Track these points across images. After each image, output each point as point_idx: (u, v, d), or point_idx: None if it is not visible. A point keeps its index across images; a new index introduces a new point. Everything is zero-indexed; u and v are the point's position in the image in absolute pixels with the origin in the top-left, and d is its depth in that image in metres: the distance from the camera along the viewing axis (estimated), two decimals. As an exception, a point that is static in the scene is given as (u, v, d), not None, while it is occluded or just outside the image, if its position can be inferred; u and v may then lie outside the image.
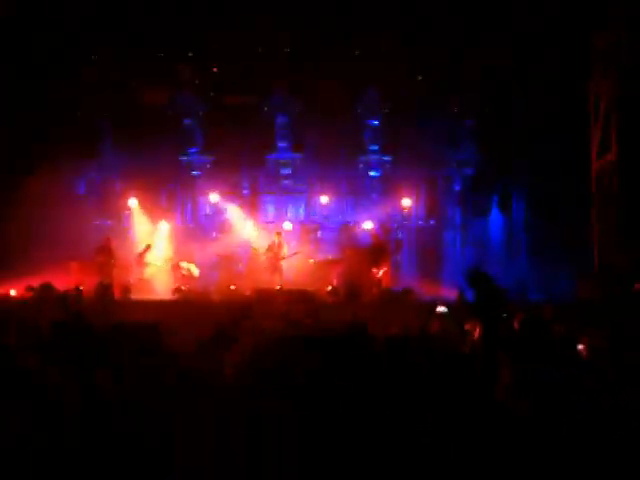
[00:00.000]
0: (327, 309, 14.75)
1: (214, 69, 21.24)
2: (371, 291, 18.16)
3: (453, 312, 10.95)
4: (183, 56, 20.93)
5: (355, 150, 21.53)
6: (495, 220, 21.10)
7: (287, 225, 21.30)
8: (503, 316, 9.06)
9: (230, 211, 21.71)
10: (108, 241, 20.06)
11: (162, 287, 19.78)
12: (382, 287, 18.47)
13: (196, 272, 20.22)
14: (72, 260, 20.00)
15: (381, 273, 19.00)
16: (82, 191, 21.55)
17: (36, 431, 4.99)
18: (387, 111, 21.18)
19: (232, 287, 18.75)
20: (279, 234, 20.11)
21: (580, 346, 7.48)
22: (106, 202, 21.89)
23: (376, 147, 21.39)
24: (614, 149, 17.73)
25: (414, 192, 21.28)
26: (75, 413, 5.20)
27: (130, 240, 21.43)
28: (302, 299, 15.41)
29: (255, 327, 8.92)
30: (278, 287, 18.57)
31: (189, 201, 22.62)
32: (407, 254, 20.87)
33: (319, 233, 21.37)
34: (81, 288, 18.04)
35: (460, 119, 20.79)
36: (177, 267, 20.17)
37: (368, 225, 20.66)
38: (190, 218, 22.53)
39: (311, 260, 20.30)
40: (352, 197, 21.97)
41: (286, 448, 4.85)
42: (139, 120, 21.25)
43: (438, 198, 21.35)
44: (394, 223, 21.20)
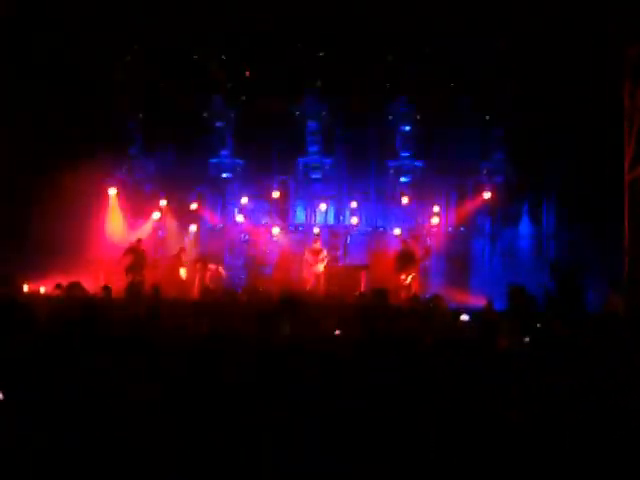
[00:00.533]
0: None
1: (246, 73, 21.29)
2: (399, 297, 18.13)
3: (479, 321, 10.89)
4: (216, 59, 21.02)
5: (386, 156, 21.49)
6: (525, 229, 21.00)
7: (316, 229, 21.33)
8: (537, 326, 9.02)
9: (259, 214, 21.80)
10: (138, 242, 20.19)
11: (191, 287, 19.92)
12: (410, 293, 18.46)
13: (224, 273, 20.33)
14: (102, 260, 20.17)
15: (409, 279, 19.01)
16: (113, 192, 21.62)
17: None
18: (419, 117, 21.11)
19: (260, 288, 18.82)
20: (317, 239, 20.21)
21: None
22: (136, 203, 22.04)
23: (407, 153, 21.31)
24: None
25: (444, 199, 21.26)
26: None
27: (160, 241, 21.57)
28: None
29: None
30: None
31: (219, 203, 22.71)
32: (436, 261, 20.82)
33: (348, 238, 21.35)
34: (110, 287, 18.17)
35: (491, 127, 20.70)
36: (206, 268, 20.26)
37: (397, 231, 20.67)
38: (219, 220, 22.58)
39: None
40: (382, 202, 21.92)
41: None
42: (170, 122, 21.37)
43: (468, 206, 21.25)
44: (423, 229, 21.14)
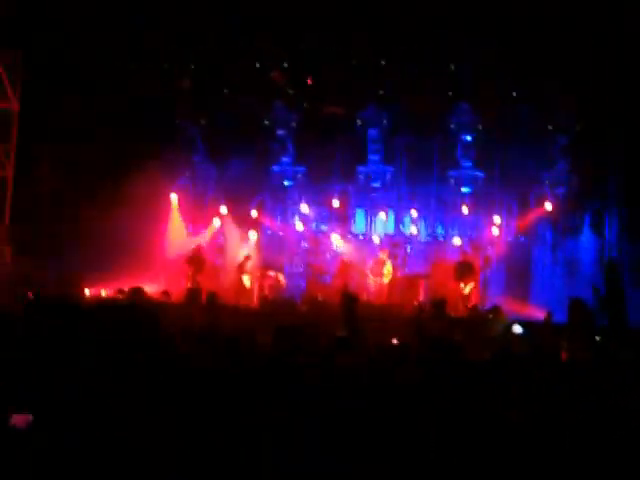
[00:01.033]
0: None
1: (309, 80, 21.39)
2: (457, 307, 18.03)
3: (537, 333, 10.80)
4: (278, 66, 21.16)
5: (447, 165, 21.39)
6: (586, 240, 20.71)
7: (375, 238, 21.29)
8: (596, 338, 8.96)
9: (319, 221, 21.85)
10: (198, 249, 20.39)
11: (251, 295, 20.05)
12: (470, 304, 18.35)
13: (284, 281, 20.40)
14: (163, 265, 20.42)
15: (468, 289, 18.89)
16: (174, 198, 21.83)
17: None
18: (480, 127, 20.98)
19: (319, 298, 18.84)
20: (385, 250, 20.20)
21: None
22: (197, 210, 22.25)
23: (469, 163, 21.17)
24: None
25: (505, 209, 21.07)
26: None
27: (219, 248, 21.71)
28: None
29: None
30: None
31: (279, 211, 22.79)
32: (495, 271, 20.62)
33: (407, 247, 21.25)
34: (169, 293, 18.43)
35: (554, 137, 20.47)
36: (265, 276, 20.36)
37: (457, 241, 20.54)
38: (280, 227, 22.68)
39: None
40: (442, 212, 21.82)
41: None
42: (233, 129, 21.55)
43: (529, 216, 21.03)
44: (484, 239, 20.97)
